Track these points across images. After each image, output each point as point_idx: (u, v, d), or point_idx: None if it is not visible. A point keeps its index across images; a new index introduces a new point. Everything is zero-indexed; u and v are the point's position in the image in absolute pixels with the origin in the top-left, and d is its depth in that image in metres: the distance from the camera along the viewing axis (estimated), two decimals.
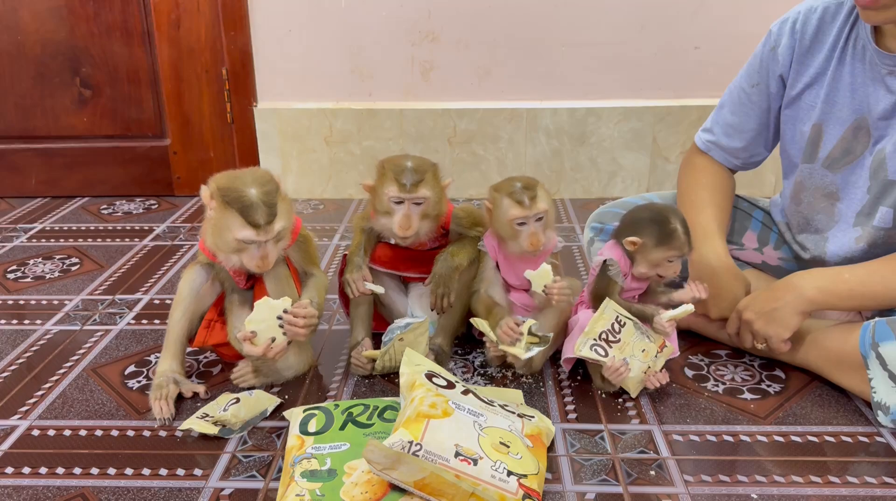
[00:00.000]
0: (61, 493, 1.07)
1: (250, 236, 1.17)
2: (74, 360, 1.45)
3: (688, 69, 2.34)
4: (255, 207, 1.15)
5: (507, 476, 0.98)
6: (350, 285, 1.35)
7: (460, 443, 1.00)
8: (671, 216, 1.26)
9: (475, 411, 1.08)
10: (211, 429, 1.19)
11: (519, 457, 1.02)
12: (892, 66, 1.22)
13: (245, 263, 1.21)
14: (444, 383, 1.14)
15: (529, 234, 1.27)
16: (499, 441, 1.04)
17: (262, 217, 1.16)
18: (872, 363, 1.20)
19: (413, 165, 1.28)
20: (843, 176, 1.33)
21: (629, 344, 1.26)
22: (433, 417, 1.03)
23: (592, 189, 2.46)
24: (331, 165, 2.46)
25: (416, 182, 1.26)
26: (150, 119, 2.44)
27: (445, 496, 0.95)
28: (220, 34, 2.33)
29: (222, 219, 1.18)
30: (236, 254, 1.21)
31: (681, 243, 1.26)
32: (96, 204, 2.45)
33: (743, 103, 1.45)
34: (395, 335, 1.32)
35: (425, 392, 1.09)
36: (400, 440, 0.98)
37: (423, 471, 0.95)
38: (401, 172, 1.27)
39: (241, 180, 1.18)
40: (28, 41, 2.34)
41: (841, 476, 1.09)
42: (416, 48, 2.35)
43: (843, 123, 1.31)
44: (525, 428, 1.11)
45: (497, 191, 1.30)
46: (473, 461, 0.98)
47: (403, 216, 1.28)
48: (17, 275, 1.88)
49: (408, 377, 1.15)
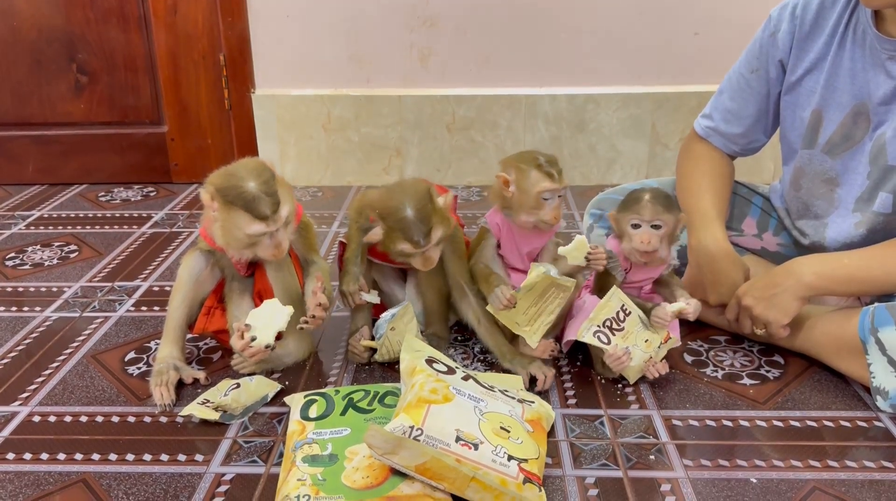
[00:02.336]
0: (63, 479, 1.08)
1: (261, 230, 1.17)
2: (74, 347, 1.45)
3: (687, 55, 2.33)
4: (259, 199, 1.15)
5: (507, 460, 0.98)
6: (347, 297, 1.34)
7: (461, 428, 1.00)
8: (643, 189, 1.28)
9: (475, 396, 1.08)
10: (212, 415, 1.19)
11: (520, 442, 1.03)
12: (893, 51, 1.22)
13: (261, 254, 1.22)
14: (444, 368, 1.14)
15: (554, 207, 1.27)
16: (499, 425, 1.04)
17: (268, 208, 1.16)
18: (871, 349, 1.20)
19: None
20: (843, 162, 1.33)
21: (632, 333, 1.26)
22: (434, 402, 1.04)
23: (591, 176, 2.45)
24: (329, 152, 2.45)
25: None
26: (147, 106, 2.43)
27: (446, 480, 0.96)
28: (218, 20, 2.32)
29: (229, 219, 1.17)
30: (250, 249, 1.21)
31: (640, 207, 1.26)
32: (94, 191, 2.45)
33: (742, 89, 1.44)
34: (386, 327, 1.34)
35: (426, 378, 1.09)
36: (401, 424, 0.99)
37: (424, 456, 0.95)
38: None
39: (237, 177, 1.17)
40: (24, 27, 2.33)
41: (840, 460, 1.10)
42: (414, 34, 2.34)
43: (842, 108, 1.31)
44: (525, 413, 1.11)
45: (521, 162, 1.28)
46: (474, 445, 0.98)
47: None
48: (16, 262, 1.88)
49: (408, 362, 1.15)
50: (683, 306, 1.28)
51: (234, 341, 1.26)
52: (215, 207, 1.18)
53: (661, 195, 1.28)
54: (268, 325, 1.23)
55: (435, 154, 2.43)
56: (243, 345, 1.24)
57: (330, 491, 0.96)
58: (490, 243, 1.36)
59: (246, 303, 1.34)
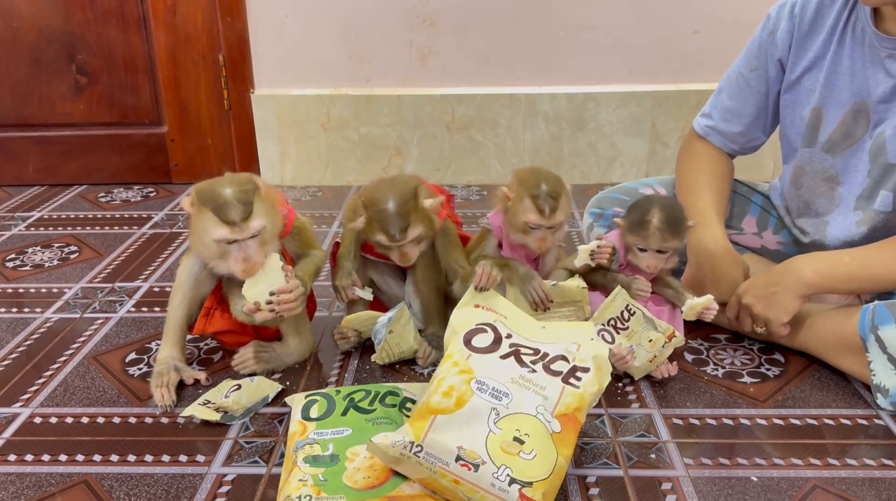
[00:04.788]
0: (64, 480, 1.08)
1: (224, 235, 1.16)
2: (75, 348, 1.45)
3: (687, 54, 2.33)
4: (229, 205, 1.15)
5: (508, 484, 0.92)
6: (340, 292, 1.36)
7: (463, 445, 0.94)
8: (655, 208, 1.26)
9: (500, 391, 1.00)
10: (213, 416, 1.19)
11: (531, 457, 0.95)
12: (892, 49, 1.22)
13: (231, 267, 1.20)
14: (486, 342, 1.07)
15: (538, 239, 1.28)
16: (513, 436, 0.96)
17: (237, 215, 1.15)
18: (872, 347, 1.21)
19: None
20: (843, 160, 1.33)
21: (637, 333, 1.26)
22: (442, 411, 0.97)
23: (591, 175, 2.45)
24: (329, 152, 2.45)
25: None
26: (147, 106, 2.43)
27: (446, 492, 0.95)
28: (217, 20, 2.32)
29: (199, 221, 1.18)
30: (220, 259, 1.20)
31: (647, 235, 1.25)
32: (94, 192, 2.45)
33: (741, 88, 1.44)
34: (384, 331, 1.34)
35: (449, 368, 1.03)
36: (402, 439, 0.95)
37: (423, 472, 0.94)
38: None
39: (217, 183, 1.18)
40: (23, 27, 2.33)
41: (840, 458, 1.10)
42: (414, 33, 2.34)
43: (842, 106, 1.31)
44: (560, 403, 1.01)
45: (522, 186, 1.27)
46: (475, 466, 0.93)
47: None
48: (17, 263, 1.88)
49: (452, 328, 1.12)
50: (710, 299, 1.27)
51: (260, 317, 1.22)
52: (193, 211, 1.19)
53: (669, 220, 1.25)
54: (259, 282, 1.21)
55: (435, 153, 2.43)
56: (263, 315, 1.22)
57: (331, 492, 0.96)
58: (491, 242, 1.37)
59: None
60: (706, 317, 1.29)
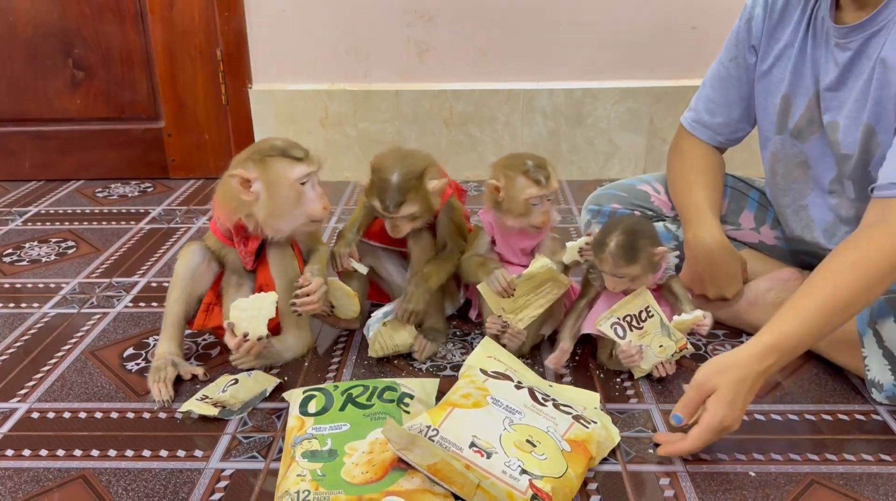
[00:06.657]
0: (62, 475, 1.08)
1: (304, 171, 1.26)
2: (72, 343, 1.45)
3: (685, 50, 2.33)
4: (291, 146, 1.28)
5: (519, 473, 0.95)
6: (337, 258, 1.37)
7: (478, 435, 0.99)
8: (616, 232, 1.22)
9: (513, 408, 1.07)
10: (210, 411, 1.19)
11: (543, 458, 0.99)
12: (839, 38, 1.22)
13: (310, 211, 1.27)
14: (496, 375, 1.16)
15: (542, 212, 1.29)
16: (525, 438, 1.01)
17: (300, 151, 1.28)
18: (868, 341, 1.21)
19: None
20: (810, 146, 1.33)
21: (649, 334, 1.26)
22: (459, 406, 1.05)
23: (589, 171, 2.45)
24: (326, 148, 2.44)
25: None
26: (143, 101, 2.43)
27: (455, 484, 0.95)
28: (214, 15, 2.31)
29: (269, 175, 1.24)
30: (298, 209, 1.26)
31: (602, 258, 1.22)
32: (91, 187, 2.44)
33: (723, 78, 1.45)
34: (378, 325, 1.35)
35: (466, 383, 1.11)
36: (419, 423, 1.00)
37: (435, 456, 0.95)
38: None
39: (261, 144, 1.28)
40: (19, 22, 2.32)
41: (838, 453, 1.10)
42: (411, 29, 2.33)
43: (807, 92, 1.32)
44: (570, 432, 1.06)
45: (509, 169, 1.30)
46: (487, 454, 0.97)
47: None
48: (13, 259, 1.87)
49: (466, 364, 1.21)
50: (700, 315, 1.25)
51: (227, 338, 1.28)
52: (253, 176, 1.22)
53: (626, 246, 1.21)
54: (256, 317, 1.25)
55: (433, 149, 2.41)
56: (238, 342, 1.26)
57: (329, 487, 0.96)
58: (484, 240, 1.38)
59: (242, 297, 1.33)
60: (701, 331, 1.27)
